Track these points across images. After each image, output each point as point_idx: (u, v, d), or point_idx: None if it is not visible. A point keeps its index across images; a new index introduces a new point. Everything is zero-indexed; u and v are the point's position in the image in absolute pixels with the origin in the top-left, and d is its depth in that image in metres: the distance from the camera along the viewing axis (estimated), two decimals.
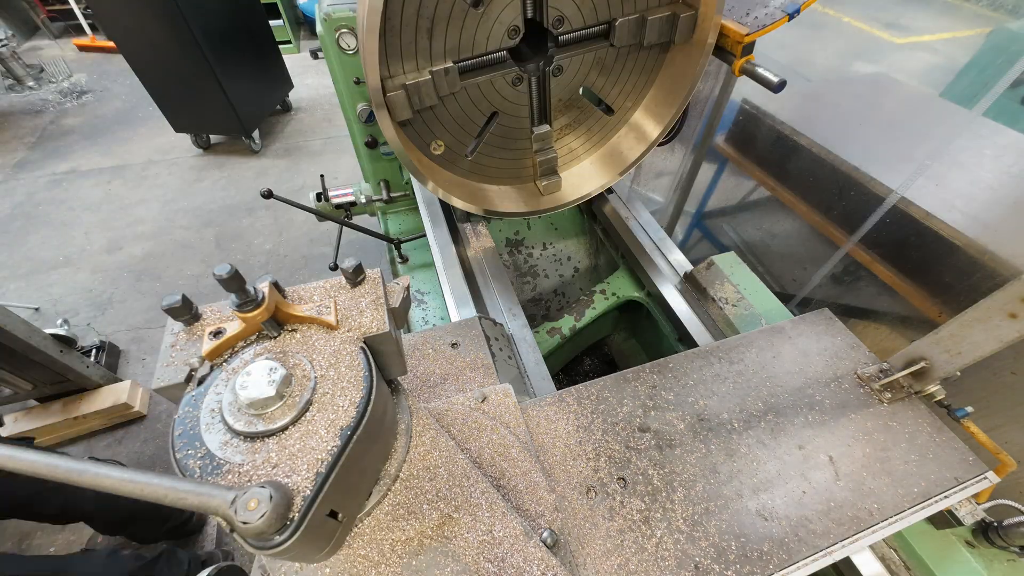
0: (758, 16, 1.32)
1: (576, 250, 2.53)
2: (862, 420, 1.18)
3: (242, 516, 0.49)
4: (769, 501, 1.05)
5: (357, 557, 0.76)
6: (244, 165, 5.37)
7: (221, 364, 0.69)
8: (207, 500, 0.48)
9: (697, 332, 1.70)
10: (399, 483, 0.81)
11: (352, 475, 0.66)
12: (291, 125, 6.07)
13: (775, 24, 1.28)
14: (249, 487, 0.51)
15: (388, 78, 1.23)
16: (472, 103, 1.40)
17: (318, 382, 0.68)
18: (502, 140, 1.55)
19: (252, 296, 0.65)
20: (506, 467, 0.99)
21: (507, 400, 1.12)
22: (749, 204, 3.23)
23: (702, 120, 2.97)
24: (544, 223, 2.45)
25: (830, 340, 1.36)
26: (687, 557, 0.97)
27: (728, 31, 1.36)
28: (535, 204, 1.72)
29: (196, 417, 0.63)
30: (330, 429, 0.63)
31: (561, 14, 1.29)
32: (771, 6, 1.32)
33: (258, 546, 0.52)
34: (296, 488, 0.57)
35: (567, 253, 2.52)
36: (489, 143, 1.53)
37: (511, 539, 0.81)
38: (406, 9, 1.13)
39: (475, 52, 1.29)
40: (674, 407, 1.21)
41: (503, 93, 1.41)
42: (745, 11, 1.36)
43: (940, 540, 1.20)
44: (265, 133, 5.79)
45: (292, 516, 0.54)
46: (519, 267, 2.45)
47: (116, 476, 0.47)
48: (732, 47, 1.37)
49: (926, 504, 1.06)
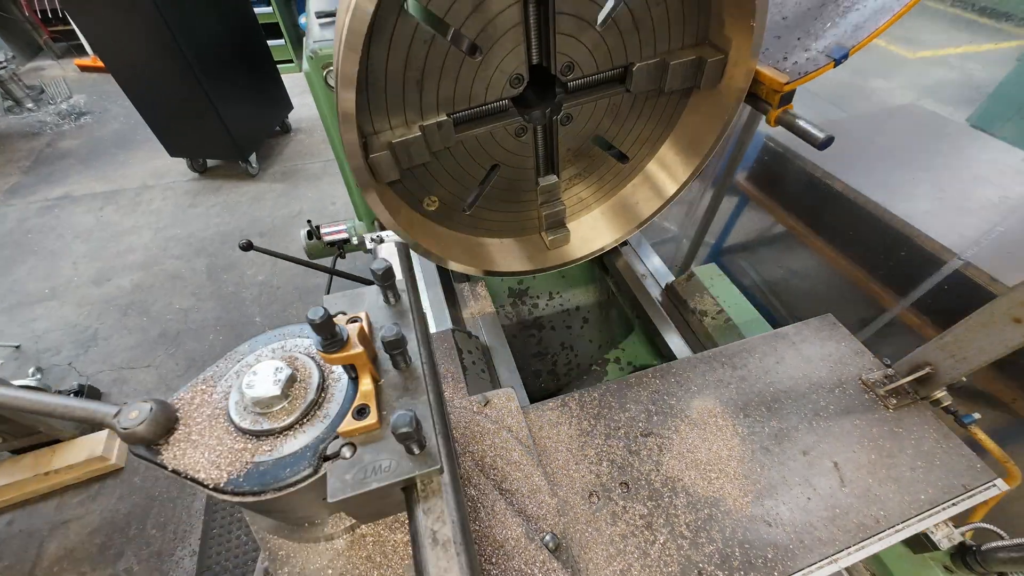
0: (798, 61, 1.15)
1: (585, 299, 2.32)
2: (867, 426, 1.18)
3: (123, 423, 0.54)
4: (773, 507, 1.04)
5: (359, 559, 0.76)
6: (240, 190, 5.21)
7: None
8: (93, 413, 0.55)
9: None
10: None
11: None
12: (290, 147, 5.89)
13: (818, 71, 1.10)
14: (134, 402, 0.57)
15: (372, 134, 1.06)
16: (469, 155, 1.23)
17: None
18: (504, 192, 1.39)
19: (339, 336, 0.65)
20: (509, 471, 0.99)
21: (510, 404, 1.12)
22: (767, 239, 2.99)
23: (723, 156, 2.74)
24: (551, 272, 2.30)
25: (834, 345, 1.35)
26: (690, 563, 0.96)
27: (764, 78, 1.17)
28: (541, 261, 1.56)
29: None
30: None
31: (571, 60, 1.13)
32: (813, 50, 1.13)
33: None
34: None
35: (575, 303, 2.31)
36: (489, 195, 1.37)
37: (513, 542, 0.81)
38: (391, 63, 0.98)
39: (472, 103, 1.12)
40: (677, 412, 1.21)
41: (505, 144, 1.25)
42: (782, 55, 1.19)
43: (918, 564, 1.17)
44: (263, 156, 5.66)
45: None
46: (523, 319, 2.25)
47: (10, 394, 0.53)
48: (768, 95, 1.19)
49: (933, 511, 1.05)
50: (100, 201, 5.16)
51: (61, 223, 4.89)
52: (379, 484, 0.58)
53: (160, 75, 4.30)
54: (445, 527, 0.59)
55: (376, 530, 0.78)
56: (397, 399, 0.67)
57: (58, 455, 2.82)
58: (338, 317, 0.70)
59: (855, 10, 1.14)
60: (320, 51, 1.88)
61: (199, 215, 4.94)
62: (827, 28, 1.16)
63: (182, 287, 4.19)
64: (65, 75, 7.62)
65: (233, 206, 5.03)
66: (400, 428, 0.56)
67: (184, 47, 4.11)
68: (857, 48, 1.08)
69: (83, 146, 6.05)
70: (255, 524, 0.84)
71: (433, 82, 1.05)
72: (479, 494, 0.88)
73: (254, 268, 4.35)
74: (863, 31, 1.09)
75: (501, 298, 2.24)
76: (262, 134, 5.59)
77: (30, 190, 5.32)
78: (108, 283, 4.24)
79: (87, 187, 5.35)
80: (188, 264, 4.41)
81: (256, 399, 0.63)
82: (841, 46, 1.10)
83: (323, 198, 5.07)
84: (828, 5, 1.19)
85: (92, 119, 6.61)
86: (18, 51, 7.86)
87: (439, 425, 0.65)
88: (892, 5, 1.08)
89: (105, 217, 4.96)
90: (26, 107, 6.80)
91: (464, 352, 1.42)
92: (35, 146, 6.07)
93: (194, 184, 5.35)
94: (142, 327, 3.85)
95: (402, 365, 0.69)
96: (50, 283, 4.24)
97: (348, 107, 0.92)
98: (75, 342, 3.76)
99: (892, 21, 1.07)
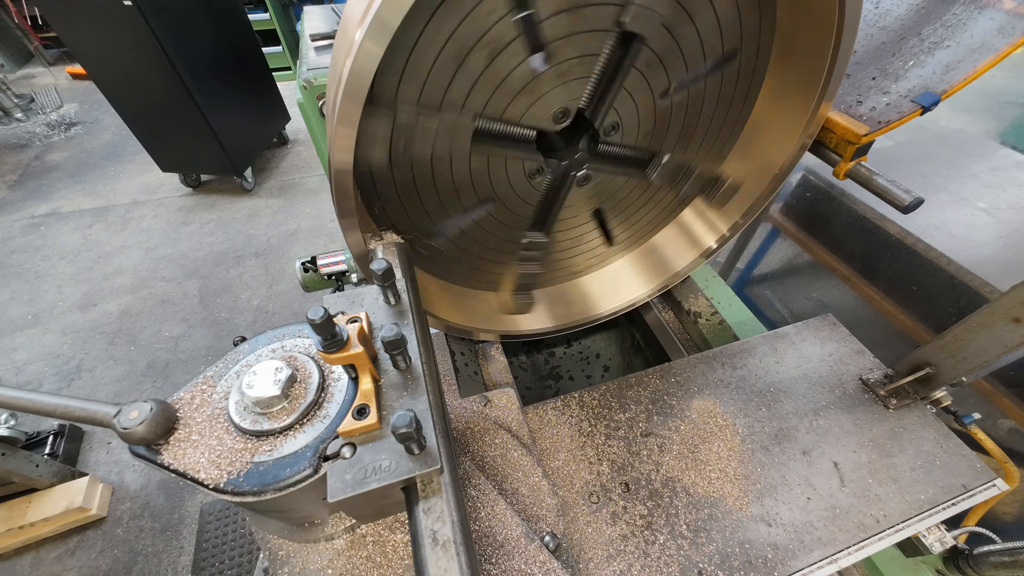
0: (876, 106, 0.96)
1: (606, 346, 2.15)
2: (867, 426, 1.18)
3: (123, 424, 0.55)
4: (773, 507, 1.04)
5: (359, 559, 0.76)
6: (235, 206, 5.00)
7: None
8: (93, 413, 0.55)
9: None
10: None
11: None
12: (287, 160, 5.66)
13: (902, 120, 0.94)
14: (134, 402, 0.57)
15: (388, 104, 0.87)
16: (469, 177, 1.05)
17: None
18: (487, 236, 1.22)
19: (340, 336, 0.65)
20: (508, 471, 1.00)
21: (510, 404, 1.12)
22: (797, 269, 2.68)
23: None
24: None
25: (834, 345, 1.35)
26: (690, 563, 0.96)
27: (835, 126, 1.00)
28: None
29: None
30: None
31: (619, 120, 1.04)
32: (893, 93, 0.96)
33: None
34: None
35: (595, 350, 2.15)
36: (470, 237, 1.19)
37: (513, 542, 0.81)
38: (432, 27, 0.79)
39: (506, 117, 0.96)
40: (677, 412, 1.21)
41: (512, 180, 1.10)
42: (856, 98, 1.01)
43: (910, 568, 1.17)
44: (259, 169, 5.46)
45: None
46: (538, 369, 2.12)
47: (10, 395, 0.53)
48: (839, 146, 1.02)
49: (933, 511, 1.05)
50: (88, 218, 4.93)
51: (47, 242, 4.66)
52: (379, 484, 0.58)
53: (148, 86, 4.07)
54: (445, 527, 0.59)
55: (376, 530, 0.78)
56: (397, 399, 0.67)
57: (34, 506, 2.57)
58: (338, 317, 0.70)
59: (944, 47, 0.97)
60: (315, 80, 1.75)
61: (192, 233, 4.71)
62: (909, 67, 0.99)
63: (172, 312, 3.95)
64: (56, 83, 7.40)
65: (228, 223, 4.81)
66: (400, 428, 0.56)
67: (174, 57, 3.91)
68: (950, 93, 0.92)
69: (72, 159, 5.80)
70: (255, 524, 0.84)
71: (476, 68, 0.85)
72: (479, 494, 0.88)
73: (248, 292, 4.12)
74: (956, 73, 0.92)
75: (515, 346, 2.10)
76: (258, 146, 5.37)
77: (15, 207, 5.06)
78: (94, 308, 4.01)
79: (75, 203, 5.12)
80: (179, 287, 4.18)
81: (256, 399, 0.63)
82: (928, 90, 0.92)
83: (322, 215, 4.88)
84: (909, 39, 1.02)
85: (83, 130, 6.35)
86: (8, 58, 7.70)
87: (439, 425, 0.65)
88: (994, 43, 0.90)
89: (93, 236, 4.72)
90: (15, 117, 6.51)
91: (456, 353, 1.42)
92: (22, 159, 5.79)
93: (187, 200, 5.12)
94: (129, 357, 3.62)
95: (402, 365, 0.69)
96: (33, 308, 4.01)
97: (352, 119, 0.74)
98: (58, 374, 3.53)
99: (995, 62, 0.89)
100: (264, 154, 5.71)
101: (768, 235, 2.75)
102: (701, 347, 1.60)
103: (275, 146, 5.88)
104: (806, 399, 1.23)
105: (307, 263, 2.38)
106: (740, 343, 1.37)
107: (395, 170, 0.97)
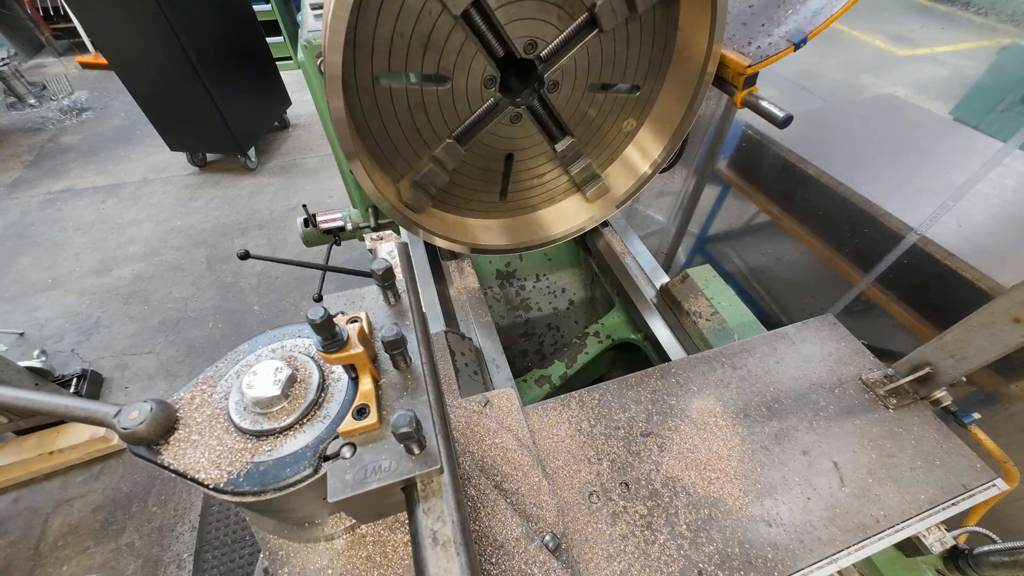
0: (761, 46, 1.23)
1: (571, 282, 2.39)
2: (867, 426, 1.18)
3: (123, 424, 0.54)
4: (773, 507, 1.04)
5: (359, 559, 0.76)
6: (239, 183, 5.33)
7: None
8: (93, 413, 0.55)
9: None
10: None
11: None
12: (288, 142, 6.01)
13: (779, 55, 1.18)
14: (134, 402, 0.57)
15: (400, 178, 1.27)
16: (483, 158, 1.36)
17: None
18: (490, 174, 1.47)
19: (340, 336, 0.65)
20: (508, 471, 1.00)
21: (510, 404, 1.12)
22: (753, 228, 3.11)
23: (703, 144, 2.84)
24: (538, 254, 2.31)
25: (834, 345, 1.35)
26: (690, 563, 0.96)
27: (729, 61, 1.26)
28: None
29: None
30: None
31: (530, 37, 1.17)
32: (775, 35, 1.21)
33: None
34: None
35: (561, 285, 2.38)
36: (487, 178, 1.47)
37: (513, 542, 0.81)
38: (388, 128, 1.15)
39: (463, 118, 1.24)
40: (677, 412, 1.21)
41: (507, 134, 1.35)
42: (747, 40, 1.28)
43: (910, 568, 1.16)
44: (262, 150, 5.77)
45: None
46: (510, 300, 2.31)
47: (11, 394, 0.53)
48: (733, 78, 1.28)
49: (933, 511, 1.05)
50: (101, 194, 5.24)
51: (63, 216, 4.97)
52: (379, 484, 0.58)
53: (162, 71, 4.39)
54: (445, 527, 0.59)
55: (376, 530, 0.78)
56: (397, 399, 0.67)
57: (62, 436, 2.90)
58: (338, 317, 0.70)
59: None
60: (314, 40, 1.92)
61: (199, 208, 5.02)
62: (788, 15, 1.25)
63: (182, 277, 4.27)
64: (67, 72, 7.65)
65: (233, 199, 5.14)
66: (400, 428, 0.56)
67: (185, 43, 4.20)
68: (815, 33, 1.16)
69: (84, 141, 6.12)
70: (255, 524, 0.84)
71: (424, 120, 1.20)
72: (479, 494, 0.88)
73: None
74: (821, 16, 1.17)
75: (489, 279, 2.27)
76: (261, 129, 5.70)
77: (32, 184, 5.40)
78: (109, 273, 4.32)
79: (88, 181, 5.44)
80: (188, 255, 4.49)
81: (256, 399, 0.63)
82: (800, 31, 1.17)
83: (320, 192, 5.16)
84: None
85: (93, 115, 6.67)
86: (20, 48, 7.92)
87: (439, 425, 0.65)
88: None
89: (106, 210, 5.04)
90: (28, 103, 6.86)
91: (457, 354, 1.42)
92: (37, 141, 6.14)
93: (194, 178, 5.43)
94: (143, 315, 3.94)
95: (402, 365, 0.69)
96: (52, 273, 4.32)
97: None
98: (77, 329, 3.84)
99: (848, 7, 1.14)
100: (266, 136, 6.02)
101: (720, 194, 3.16)
102: (701, 347, 1.60)
103: (277, 129, 6.19)
104: (806, 399, 1.23)
105: (307, 219, 2.70)
106: (740, 343, 1.37)
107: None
